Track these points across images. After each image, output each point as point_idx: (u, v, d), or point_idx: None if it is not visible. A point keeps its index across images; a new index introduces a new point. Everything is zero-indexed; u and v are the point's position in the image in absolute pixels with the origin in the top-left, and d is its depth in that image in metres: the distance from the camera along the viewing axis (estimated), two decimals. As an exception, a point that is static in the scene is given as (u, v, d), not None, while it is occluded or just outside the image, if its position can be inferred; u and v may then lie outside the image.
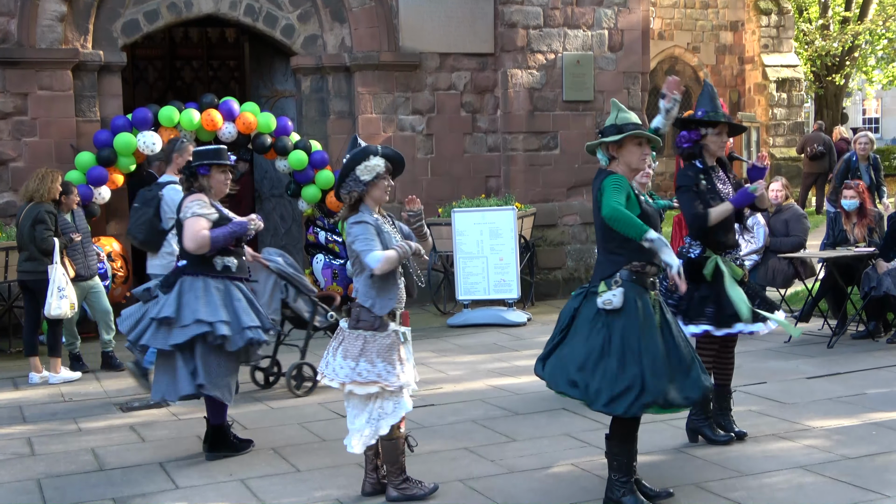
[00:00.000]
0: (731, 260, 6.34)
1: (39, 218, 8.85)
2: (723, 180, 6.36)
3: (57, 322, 9.00)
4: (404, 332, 5.51)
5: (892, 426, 6.69)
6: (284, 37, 12.23)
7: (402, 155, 5.71)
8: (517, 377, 8.62)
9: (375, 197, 5.50)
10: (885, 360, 8.71)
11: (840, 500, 5.34)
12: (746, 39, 22.82)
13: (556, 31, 12.83)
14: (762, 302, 6.45)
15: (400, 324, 5.52)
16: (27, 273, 8.99)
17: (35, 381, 8.94)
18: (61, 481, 6.15)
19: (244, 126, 11.06)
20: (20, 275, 9.10)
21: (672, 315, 5.37)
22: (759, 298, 6.45)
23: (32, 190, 9.00)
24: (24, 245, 8.96)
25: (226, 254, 6.42)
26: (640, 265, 5.19)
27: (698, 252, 6.30)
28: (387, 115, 12.35)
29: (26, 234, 8.88)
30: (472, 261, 11.32)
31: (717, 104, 6.36)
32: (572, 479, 5.84)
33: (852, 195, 9.90)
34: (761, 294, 6.62)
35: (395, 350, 5.45)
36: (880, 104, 43.69)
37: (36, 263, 8.91)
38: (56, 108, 11.01)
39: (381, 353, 5.42)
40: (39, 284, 8.91)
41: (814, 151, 18.85)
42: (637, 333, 5.09)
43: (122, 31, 11.53)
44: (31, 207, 8.95)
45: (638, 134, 5.25)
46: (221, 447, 6.52)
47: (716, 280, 6.21)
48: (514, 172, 12.80)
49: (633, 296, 5.14)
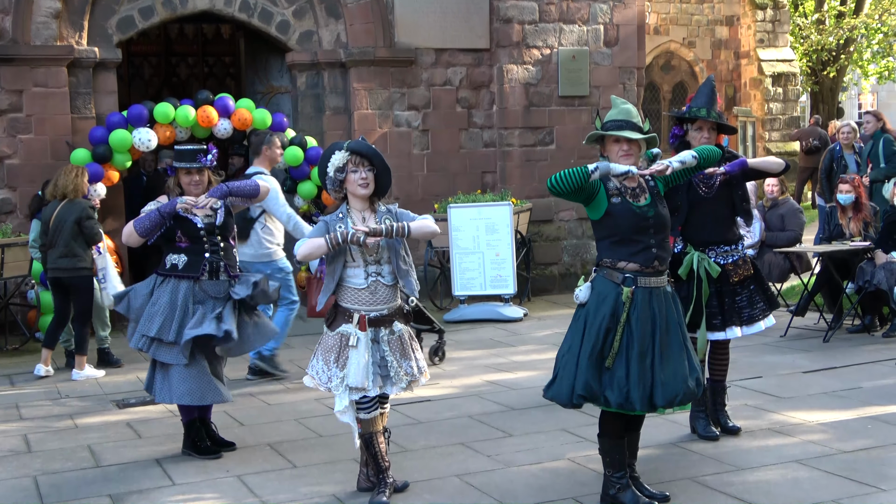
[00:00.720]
0: (723, 256, 6.33)
1: (86, 214, 8.95)
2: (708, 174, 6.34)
3: (88, 319, 9.10)
4: (357, 337, 5.36)
5: (888, 420, 6.71)
6: (280, 33, 12.21)
7: (373, 146, 5.54)
8: (514, 373, 8.63)
9: (351, 191, 5.47)
10: (880, 355, 8.72)
11: (836, 494, 5.35)
12: (742, 34, 22.81)
13: (552, 27, 12.83)
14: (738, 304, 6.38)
15: (358, 327, 5.37)
16: (64, 270, 8.95)
17: (41, 373, 8.98)
18: (58, 478, 6.15)
19: (240, 122, 11.05)
20: (53, 272, 9.01)
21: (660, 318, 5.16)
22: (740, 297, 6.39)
23: (63, 186, 8.99)
24: (61, 242, 8.90)
25: (175, 251, 6.35)
26: (610, 262, 5.17)
27: (679, 248, 6.31)
28: (382, 111, 12.34)
29: (68, 230, 8.86)
30: (468, 256, 11.33)
31: (704, 100, 6.35)
32: (569, 474, 5.84)
33: (848, 189, 9.90)
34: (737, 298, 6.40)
35: (334, 352, 5.39)
36: (876, 98, 43.73)
37: (74, 260, 8.92)
38: (51, 105, 10.99)
39: (323, 351, 5.46)
40: (76, 281, 8.96)
41: (809, 146, 18.87)
42: (594, 327, 5.08)
43: (117, 28, 11.51)
44: (67, 204, 8.95)
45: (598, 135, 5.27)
46: (185, 446, 6.55)
47: (691, 280, 6.20)
48: (510, 168, 12.80)
49: (601, 291, 5.14)
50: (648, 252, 5.16)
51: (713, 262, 6.25)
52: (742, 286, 6.38)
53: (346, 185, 5.46)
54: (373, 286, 5.42)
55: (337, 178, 5.43)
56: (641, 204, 5.21)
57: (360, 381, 5.32)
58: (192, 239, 6.33)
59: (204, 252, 6.34)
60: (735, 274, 6.33)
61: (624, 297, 5.09)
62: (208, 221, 6.37)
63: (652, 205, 5.23)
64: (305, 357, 9.43)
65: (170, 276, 6.35)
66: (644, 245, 5.16)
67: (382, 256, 5.46)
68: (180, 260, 6.33)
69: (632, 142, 5.21)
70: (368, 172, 5.43)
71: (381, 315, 5.43)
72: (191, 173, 6.36)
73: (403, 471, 5.89)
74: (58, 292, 9.14)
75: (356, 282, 5.42)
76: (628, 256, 5.15)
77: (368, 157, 5.44)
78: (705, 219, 6.32)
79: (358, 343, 5.36)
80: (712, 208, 6.33)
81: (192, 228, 6.33)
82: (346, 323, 5.40)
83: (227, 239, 6.47)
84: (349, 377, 5.33)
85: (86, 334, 9.07)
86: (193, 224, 6.33)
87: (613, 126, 5.21)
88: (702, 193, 6.31)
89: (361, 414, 5.49)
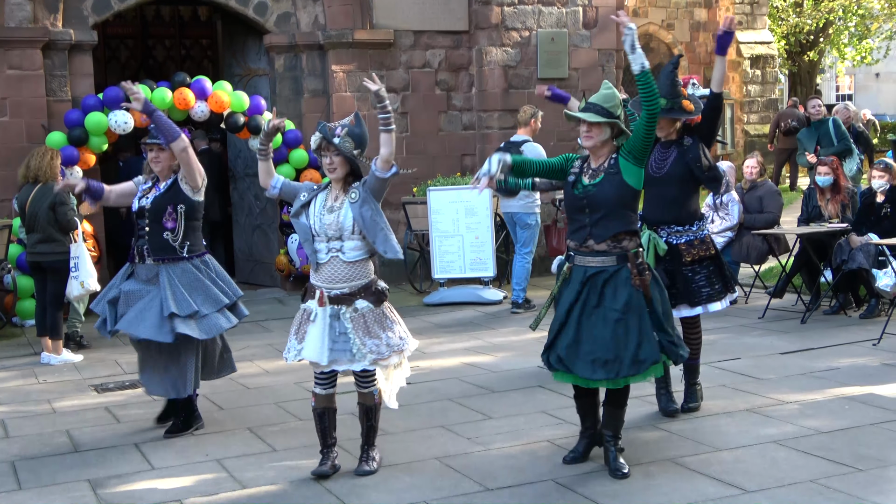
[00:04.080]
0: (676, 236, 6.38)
1: (60, 199, 8.80)
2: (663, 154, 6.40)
3: (61, 304, 9.03)
4: (315, 313, 5.53)
5: (864, 400, 6.76)
6: (257, 15, 12.14)
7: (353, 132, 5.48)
8: (493, 355, 8.65)
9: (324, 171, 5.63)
10: (857, 336, 8.78)
11: (813, 474, 5.39)
12: (721, 16, 22.80)
13: (531, 9, 12.80)
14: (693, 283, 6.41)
15: (318, 303, 5.54)
16: (42, 255, 8.87)
17: (48, 360, 8.90)
18: (36, 463, 6.12)
19: (217, 105, 10.99)
20: (32, 256, 8.95)
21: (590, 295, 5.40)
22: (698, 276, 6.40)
23: (35, 169, 8.88)
24: (38, 227, 8.82)
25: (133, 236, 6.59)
26: (570, 242, 5.52)
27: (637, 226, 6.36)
28: (361, 94, 12.28)
29: (43, 216, 8.78)
30: (447, 239, 11.31)
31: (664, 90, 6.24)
32: (548, 456, 5.86)
33: (826, 171, 9.95)
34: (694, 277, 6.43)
35: (296, 325, 5.64)
36: (853, 81, 43.92)
37: (54, 245, 8.86)
38: (26, 88, 10.89)
39: (293, 323, 5.71)
40: (57, 265, 8.91)
41: (788, 127, 18.93)
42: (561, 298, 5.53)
43: (93, 10, 11.40)
44: (41, 188, 8.85)
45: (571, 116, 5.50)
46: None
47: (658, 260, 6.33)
48: (490, 150, 12.72)
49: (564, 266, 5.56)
50: (583, 231, 5.44)
51: (662, 241, 6.35)
52: (701, 265, 6.39)
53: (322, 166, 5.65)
54: (332, 262, 5.53)
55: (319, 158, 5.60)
56: (588, 183, 5.42)
57: (314, 356, 5.50)
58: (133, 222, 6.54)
59: (137, 237, 6.54)
60: (688, 254, 6.35)
61: (563, 272, 5.51)
62: (141, 204, 6.51)
63: (599, 184, 5.38)
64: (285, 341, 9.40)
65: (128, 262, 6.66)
66: (580, 224, 5.46)
67: (344, 233, 5.49)
68: (133, 245, 6.57)
69: (592, 124, 5.37)
70: (336, 157, 5.50)
71: (341, 293, 5.52)
72: (151, 149, 6.48)
73: (383, 453, 5.89)
74: (38, 277, 9.08)
75: (319, 257, 5.57)
76: (570, 234, 5.53)
77: (334, 145, 5.49)
78: (656, 199, 6.41)
79: (316, 318, 5.53)
80: (663, 189, 6.39)
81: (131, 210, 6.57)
82: (311, 299, 5.60)
83: (159, 221, 6.45)
84: (304, 351, 5.53)
85: (59, 318, 9.01)
86: (131, 206, 6.58)
87: (582, 109, 5.43)
88: (653, 174, 6.32)
89: (318, 389, 5.66)
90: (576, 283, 5.43)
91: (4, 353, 9.34)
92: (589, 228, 5.38)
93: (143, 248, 6.47)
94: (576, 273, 5.46)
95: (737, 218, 10.56)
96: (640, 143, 5.38)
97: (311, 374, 5.76)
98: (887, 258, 9.17)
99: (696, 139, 6.39)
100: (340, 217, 5.48)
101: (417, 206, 11.58)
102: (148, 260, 6.45)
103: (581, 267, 5.44)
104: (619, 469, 5.45)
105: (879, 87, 43.51)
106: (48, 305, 9.00)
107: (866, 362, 7.88)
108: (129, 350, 9.07)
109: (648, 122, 5.33)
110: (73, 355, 9.04)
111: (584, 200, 5.39)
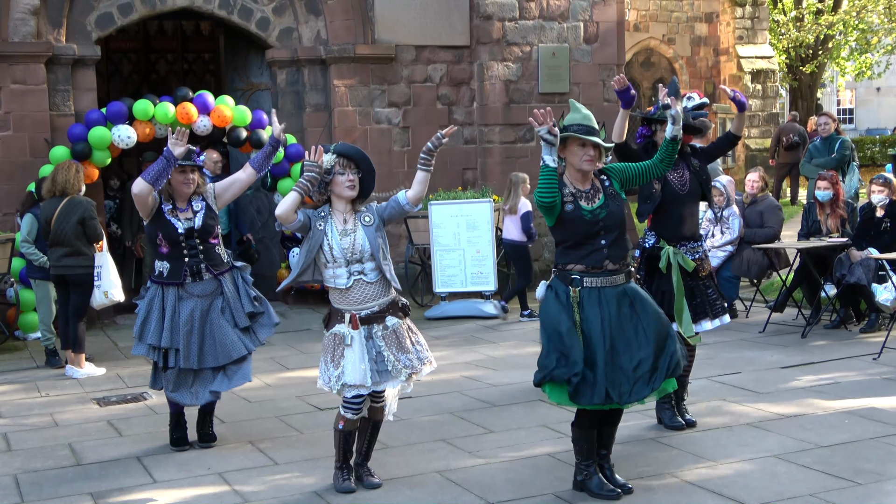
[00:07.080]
0: (692, 252, 6.44)
1: (90, 214, 8.90)
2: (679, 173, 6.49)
3: (83, 316, 9.07)
4: (351, 336, 5.48)
5: (865, 415, 6.77)
6: (259, 30, 12.20)
7: (360, 149, 5.66)
8: (494, 369, 8.66)
9: (337, 193, 5.55)
10: (857, 350, 8.80)
11: (813, 488, 5.40)
12: (721, 31, 22.91)
13: (532, 24, 12.86)
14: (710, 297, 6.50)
15: (350, 326, 5.49)
16: (69, 268, 8.91)
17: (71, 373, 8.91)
18: (38, 476, 6.14)
19: (219, 119, 11.02)
20: (57, 270, 8.96)
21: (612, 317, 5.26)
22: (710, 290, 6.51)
23: (63, 183, 8.92)
24: (65, 241, 8.85)
25: (160, 257, 6.49)
26: (562, 265, 5.33)
27: (652, 242, 6.49)
28: (363, 108, 12.34)
29: (70, 230, 8.82)
30: (448, 253, 11.34)
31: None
32: (549, 470, 5.87)
33: (826, 186, 9.98)
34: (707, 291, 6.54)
35: (329, 352, 5.53)
36: (854, 95, 44.02)
37: (80, 258, 8.91)
38: (30, 102, 10.94)
39: (324, 353, 5.59)
40: (82, 278, 8.97)
41: (790, 141, 18.96)
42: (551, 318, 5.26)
43: (96, 25, 11.46)
44: (69, 202, 8.88)
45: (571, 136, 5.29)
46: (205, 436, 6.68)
47: (670, 274, 6.34)
48: (491, 165, 12.82)
49: (556, 289, 5.30)
50: (599, 253, 5.28)
51: (690, 258, 6.42)
52: (710, 280, 6.58)
53: (333, 186, 5.55)
54: (358, 286, 5.51)
55: (324, 179, 5.51)
56: (594, 206, 5.30)
57: (356, 379, 5.43)
58: (171, 243, 6.40)
59: (183, 257, 6.42)
60: (702, 269, 6.50)
61: (571, 297, 5.23)
62: (188, 226, 6.44)
63: (604, 206, 5.32)
64: (287, 354, 9.49)
65: (159, 283, 6.48)
66: (594, 248, 5.28)
67: (364, 255, 5.49)
68: (164, 267, 6.45)
69: (596, 147, 5.31)
70: (355, 175, 5.52)
71: (371, 312, 5.52)
72: (185, 171, 6.41)
73: (385, 467, 5.91)
74: (61, 290, 9.12)
75: (340, 282, 5.52)
76: (578, 259, 5.29)
77: (356, 160, 5.55)
78: (678, 216, 6.47)
79: (352, 341, 5.46)
80: (686, 205, 6.50)
81: (172, 232, 6.39)
82: (340, 323, 5.53)
83: (207, 240, 6.51)
84: (345, 375, 5.44)
85: (82, 331, 9.02)
86: (174, 227, 6.40)
87: (582, 130, 5.28)
88: (678, 191, 6.42)
89: (349, 414, 5.57)
90: (593, 306, 5.23)
91: (7, 367, 9.37)
92: (606, 250, 5.27)
93: (198, 267, 6.45)
94: (588, 295, 5.25)
95: (737, 232, 10.59)
96: (635, 181, 5.51)
97: (312, 388, 5.80)
98: (887, 272, 9.19)
99: (702, 161, 6.63)
100: (357, 240, 5.50)
101: (419, 220, 11.61)
102: (206, 276, 6.48)
103: (594, 289, 5.25)
104: (625, 485, 5.44)
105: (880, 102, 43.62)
106: (70, 318, 9.02)
107: (866, 377, 7.88)
108: (130, 364, 9.15)
109: (656, 173, 5.53)
110: (96, 368, 9.03)
111: (601, 223, 5.27)
